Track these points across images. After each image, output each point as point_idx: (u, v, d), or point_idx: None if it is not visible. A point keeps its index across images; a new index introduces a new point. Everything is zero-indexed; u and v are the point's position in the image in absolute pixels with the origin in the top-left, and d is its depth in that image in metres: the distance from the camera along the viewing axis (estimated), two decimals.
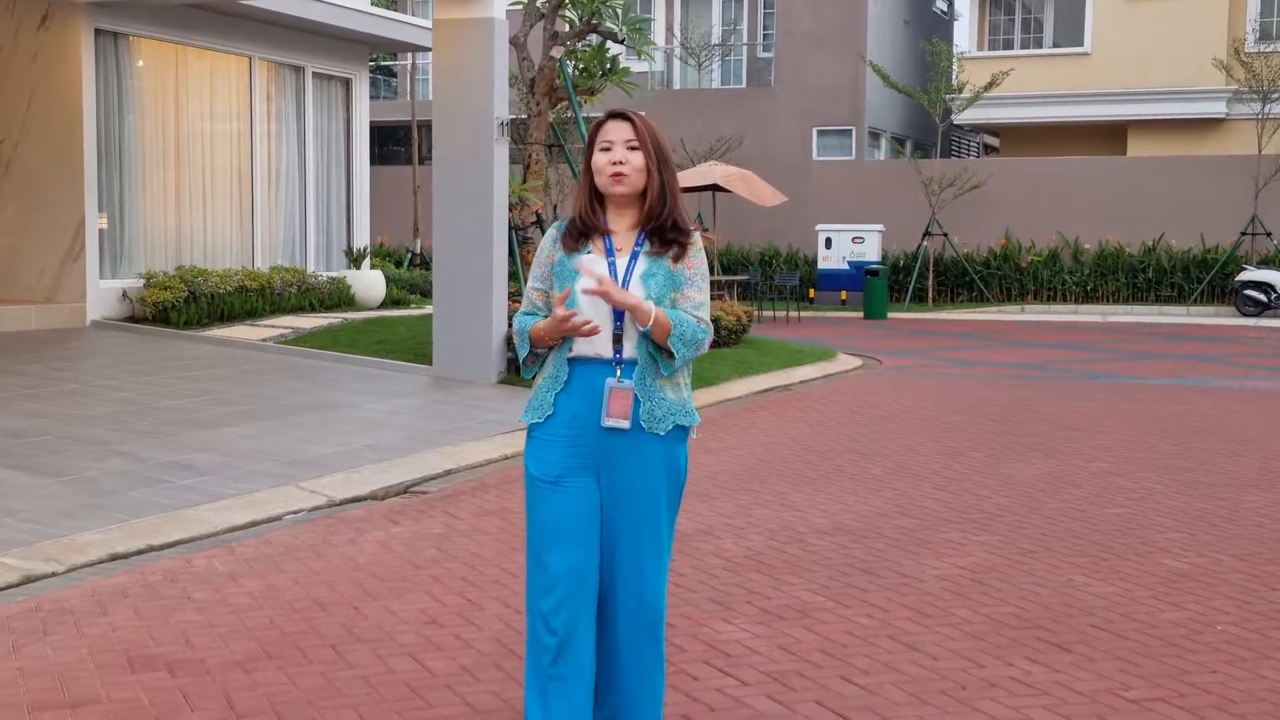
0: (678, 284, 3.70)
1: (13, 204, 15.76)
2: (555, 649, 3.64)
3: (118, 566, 6.30)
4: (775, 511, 7.69)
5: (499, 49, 12.72)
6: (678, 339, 3.64)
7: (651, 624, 3.75)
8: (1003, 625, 5.47)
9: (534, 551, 3.73)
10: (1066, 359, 17.23)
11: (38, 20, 15.42)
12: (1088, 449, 10.03)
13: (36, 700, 4.50)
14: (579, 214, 3.77)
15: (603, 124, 3.73)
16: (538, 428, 3.74)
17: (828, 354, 16.34)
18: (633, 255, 3.71)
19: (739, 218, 28.16)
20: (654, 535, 3.73)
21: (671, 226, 3.72)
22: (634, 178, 3.68)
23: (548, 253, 3.79)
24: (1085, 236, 27.22)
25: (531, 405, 3.76)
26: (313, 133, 18.50)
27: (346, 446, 9.17)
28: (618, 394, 3.65)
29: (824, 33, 31.29)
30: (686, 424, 3.76)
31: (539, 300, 3.80)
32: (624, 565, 3.71)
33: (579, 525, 3.67)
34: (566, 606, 3.64)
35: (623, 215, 3.75)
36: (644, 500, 3.71)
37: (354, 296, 17.44)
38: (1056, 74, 31.98)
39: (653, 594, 3.74)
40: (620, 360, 3.67)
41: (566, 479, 3.67)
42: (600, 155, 3.70)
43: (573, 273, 3.68)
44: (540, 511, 3.71)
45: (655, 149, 3.69)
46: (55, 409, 9.92)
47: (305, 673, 4.80)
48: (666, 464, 3.73)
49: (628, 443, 3.67)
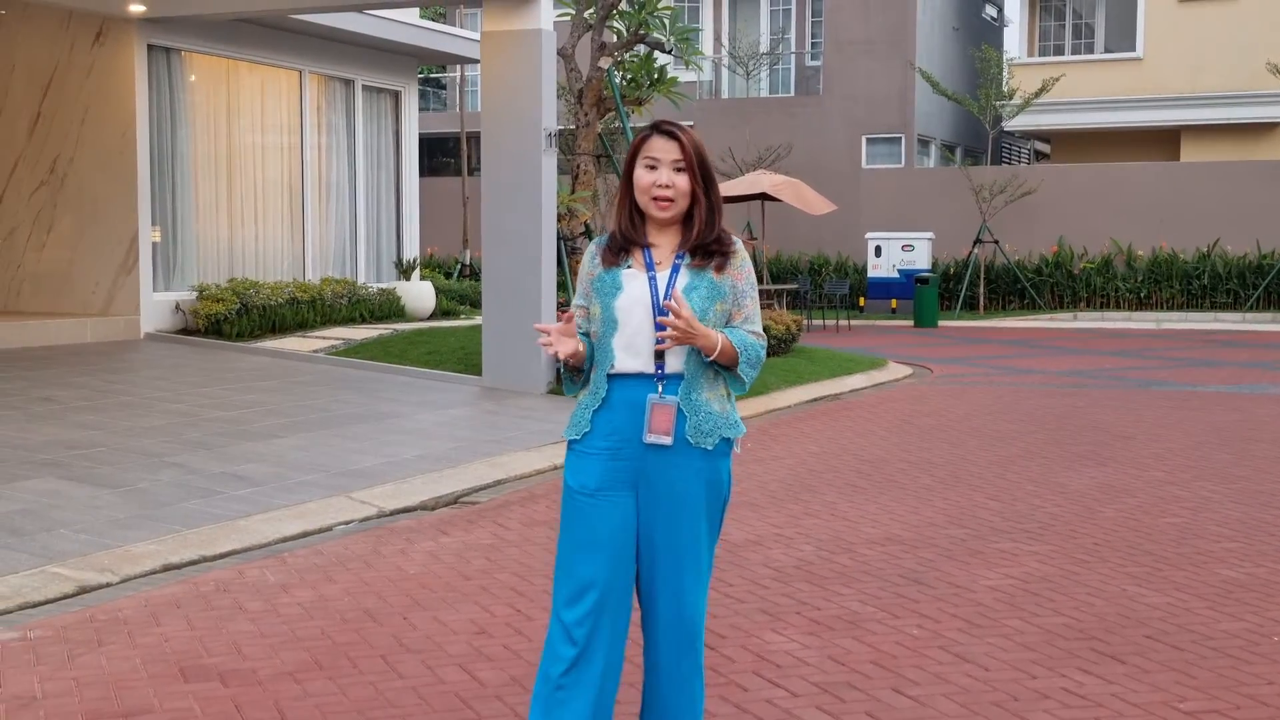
0: (721, 295, 3.61)
1: (67, 217, 15.96)
2: (571, 660, 3.57)
3: (171, 577, 6.35)
4: (825, 521, 7.66)
5: (547, 60, 12.75)
6: (746, 364, 3.60)
7: (690, 640, 3.67)
8: (1055, 636, 5.42)
9: (564, 562, 3.66)
10: (1120, 367, 17.07)
11: (92, 37, 15.62)
12: (1142, 458, 9.93)
13: (91, 710, 4.54)
14: (619, 229, 3.68)
15: (648, 138, 3.62)
16: (577, 444, 3.67)
17: (878, 363, 16.26)
18: (673, 269, 3.62)
19: (788, 226, 28.12)
20: (694, 552, 3.64)
21: (714, 241, 3.64)
22: (680, 202, 3.59)
23: (588, 269, 3.71)
24: (1139, 243, 26.96)
25: (571, 421, 3.70)
26: (363, 145, 18.63)
27: (396, 457, 9.21)
28: (660, 410, 3.57)
29: (872, 40, 31.20)
30: (731, 436, 3.66)
31: (582, 319, 3.71)
32: (663, 581, 3.64)
33: (613, 538, 3.61)
34: (591, 619, 3.58)
35: (665, 233, 3.67)
36: (684, 516, 3.62)
37: (404, 307, 17.53)
38: (1108, 79, 31.73)
39: (691, 610, 3.66)
40: (663, 375, 3.59)
41: (604, 492, 3.61)
42: (645, 173, 3.60)
43: (612, 288, 3.60)
44: (574, 523, 3.65)
45: (702, 170, 3.59)
46: (110, 421, 10.02)
47: (356, 683, 4.82)
48: (709, 478, 3.64)
49: (671, 458, 3.59)
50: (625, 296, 3.59)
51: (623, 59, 15.27)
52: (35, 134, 16.12)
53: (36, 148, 16.12)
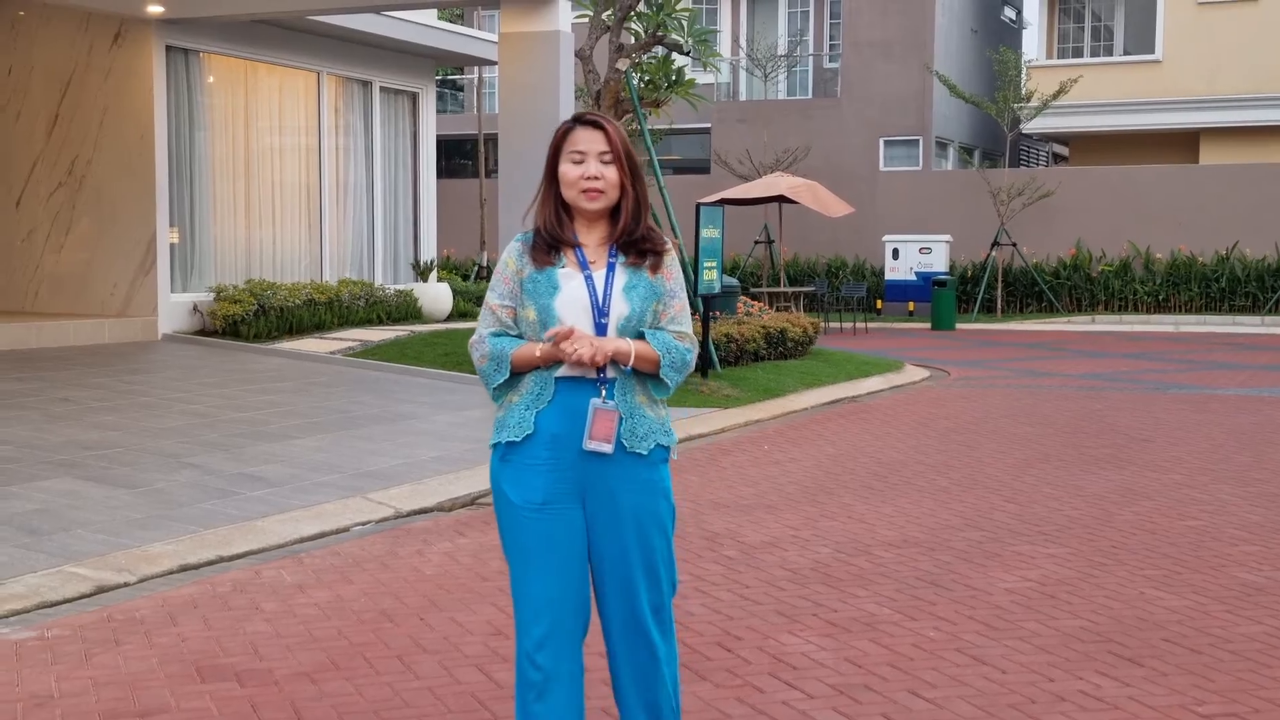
0: (658, 295, 3.52)
1: (86, 218, 16.02)
2: (540, 685, 3.48)
3: (188, 577, 6.36)
4: (842, 524, 7.64)
5: (565, 62, 12.77)
6: (669, 367, 3.48)
7: (650, 651, 3.56)
8: (1073, 639, 5.40)
9: (518, 582, 3.53)
10: (1138, 370, 17.01)
11: (110, 38, 15.68)
12: (1160, 461, 9.89)
13: (108, 709, 4.55)
14: (544, 227, 3.53)
15: (570, 130, 3.50)
16: (513, 449, 3.50)
17: (895, 365, 16.24)
18: (609, 268, 3.50)
19: (805, 229, 28.10)
20: (646, 561, 3.54)
21: (644, 238, 3.53)
22: (610, 193, 3.48)
23: (514, 268, 3.55)
24: (1157, 246, 26.87)
25: (506, 424, 3.52)
26: (380, 146, 18.67)
27: (413, 458, 9.22)
28: (602, 416, 3.44)
29: (890, 43, 31.15)
30: (666, 443, 3.55)
31: (508, 318, 3.55)
32: (614, 593, 3.54)
33: (566, 553, 3.49)
34: (552, 640, 3.48)
35: (593, 229, 3.55)
36: (631, 525, 3.51)
37: (421, 309, 17.55)
38: (1127, 82, 31.62)
39: (648, 622, 3.55)
40: (604, 379, 3.47)
41: (552, 505, 3.48)
42: (571, 167, 3.47)
43: (549, 288, 3.47)
44: (522, 539, 3.51)
45: (629, 161, 3.49)
46: (127, 421, 10.05)
47: (372, 683, 4.82)
48: (651, 486, 3.53)
49: (610, 465, 3.48)
50: (563, 297, 3.47)
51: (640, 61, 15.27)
52: (54, 135, 16.19)
53: (55, 149, 16.19)
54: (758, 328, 15.12)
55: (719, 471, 9.41)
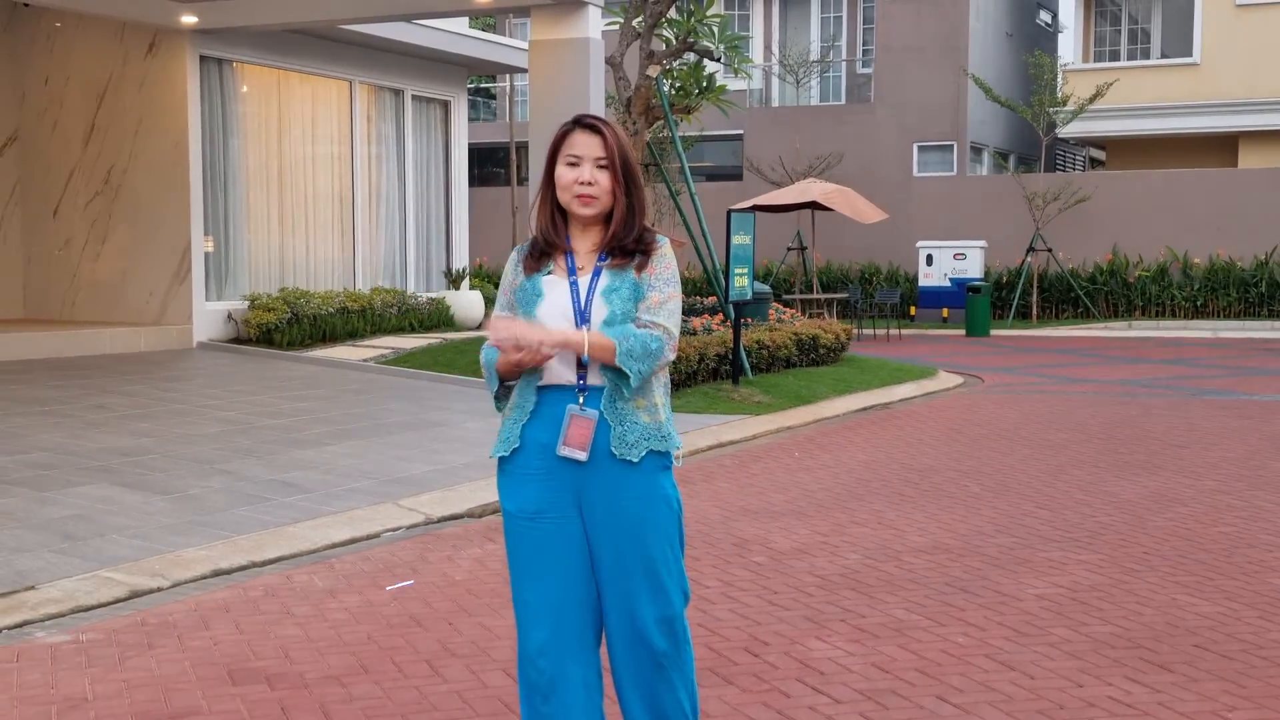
0: (643, 294, 3.47)
1: (122, 227, 16.16)
2: (545, 689, 3.49)
3: (221, 582, 6.40)
4: (872, 530, 7.62)
5: (595, 69, 12.80)
6: (626, 355, 3.37)
7: (653, 660, 3.52)
8: (1103, 645, 5.37)
9: (516, 590, 3.55)
10: (1175, 375, 16.90)
11: (145, 48, 15.82)
12: (1195, 467, 9.82)
13: (141, 711, 4.59)
14: (540, 231, 3.54)
15: (569, 133, 3.49)
16: (507, 462, 3.53)
17: (928, 372, 16.18)
18: (595, 272, 3.48)
19: (839, 235, 28.05)
20: (646, 570, 3.49)
21: (634, 241, 3.50)
22: (603, 199, 3.46)
23: (511, 277, 3.57)
24: (1195, 250, 26.68)
25: (500, 438, 3.55)
26: (412, 155, 18.76)
27: (444, 465, 9.25)
28: (577, 422, 3.42)
29: (924, 47, 31.07)
30: (663, 449, 3.50)
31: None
32: (614, 602, 3.51)
33: (560, 560, 3.49)
34: (553, 646, 3.48)
35: (587, 233, 3.54)
36: (626, 533, 3.47)
37: (453, 317, 17.62)
38: (1164, 85, 31.42)
39: (649, 631, 3.50)
40: (584, 387, 3.45)
41: (546, 514, 3.48)
42: (566, 171, 3.46)
43: (534, 295, 3.47)
44: (519, 549, 3.52)
45: (624, 168, 3.46)
46: (162, 428, 10.13)
47: (401, 687, 4.85)
48: (647, 494, 3.48)
49: (602, 473, 3.45)
50: (546, 303, 3.46)
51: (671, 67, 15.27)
52: (90, 145, 16.35)
53: (91, 158, 16.35)
54: (789, 334, 15.10)
55: (749, 478, 9.40)
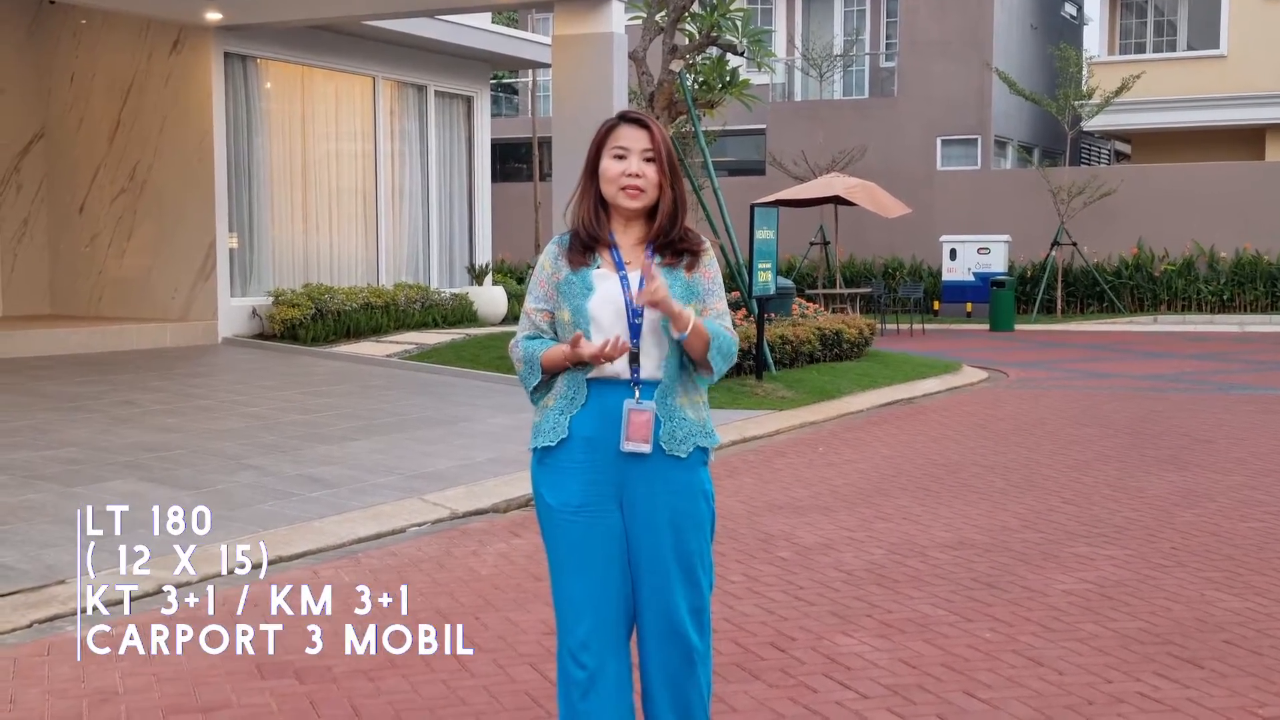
0: (696, 294, 3.51)
1: (147, 224, 16.23)
2: (585, 683, 3.50)
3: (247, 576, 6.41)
4: (897, 525, 7.60)
5: (618, 64, 12.79)
6: (716, 351, 3.46)
7: (685, 654, 3.55)
8: (1132, 640, 5.34)
9: (557, 584, 3.57)
10: (1201, 370, 16.81)
11: (170, 45, 15.87)
12: (1223, 462, 9.77)
13: (170, 705, 4.62)
14: (583, 224, 3.54)
15: (615, 127, 3.50)
16: (550, 454, 3.54)
17: (952, 366, 16.13)
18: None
19: (861, 230, 27.96)
20: (683, 564, 3.52)
21: (681, 238, 3.53)
22: (650, 192, 3.48)
23: (550, 270, 3.56)
24: (1221, 244, 26.50)
25: (542, 429, 3.56)
26: (435, 151, 18.77)
27: (469, 460, 9.26)
28: (637, 416, 3.44)
29: (948, 41, 30.95)
30: (707, 445, 3.55)
31: (543, 322, 3.58)
32: (651, 596, 3.53)
33: (602, 555, 3.50)
34: (595, 640, 3.50)
35: (630, 228, 3.55)
36: (668, 527, 3.50)
37: (476, 312, 17.64)
38: (1191, 78, 31.23)
39: (685, 624, 3.54)
40: (638, 380, 3.47)
41: (588, 508, 3.50)
42: (613, 163, 3.47)
43: (583, 289, 3.48)
44: (561, 543, 3.54)
45: (669, 162, 3.49)
46: (188, 424, 10.17)
47: (428, 681, 4.85)
48: (690, 488, 3.52)
49: (648, 468, 3.48)
50: (598, 298, 3.47)
51: (694, 62, 15.25)
52: (115, 141, 16.41)
53: (117, 155, 16.41)
54: (813, 329, 15.07)
55: (774, 473, 9.39)
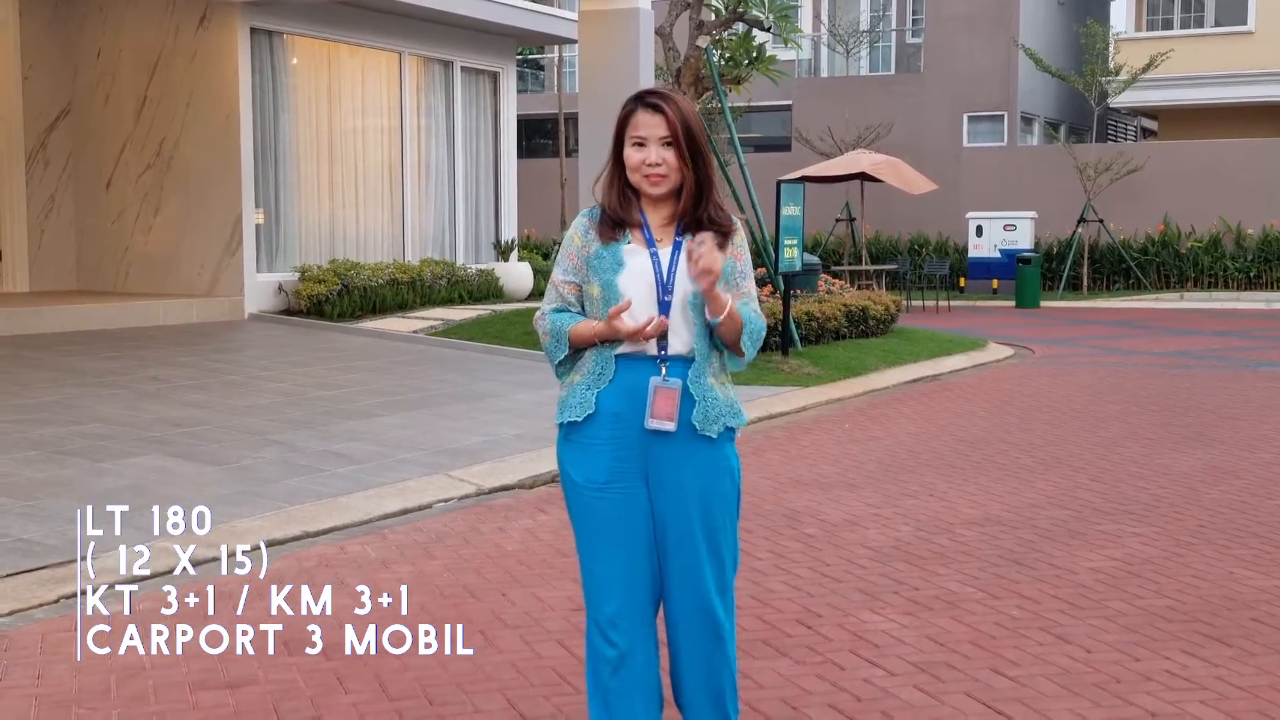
0: (725, 274, 3.42)
1: (174, 200, 16.27)
2: (615, 661, 3.51)
3: (275, 553, 6.45)
4: (923, 502, 7.59)
5: (644, 39, 12.75)
6: (749, 337, 3.46)
7: (714, 631, 3.55)
8: (1159, 618, 5.33)
9: (585, 561, 3.55)
10: (1228, 347, 16.72)
11: (196, 21, 15.88)
12: (1250, 439, 9.72)
13: (197, 681, 4.64)
14: (610, 208, 3.51)
15: (633, 113, 3.46)
16: (576, 429, 3.53)
17: (978, 343, 16.08)
18: (675, 246, 3.47)
19: (887, 206, 27.88)
20: (710, 541, 3.52)
21: (711, 217, 3.49)
22: (672, 177, 3.45)
23: (580, 244, 3.53)
24: (1248, 221, 26.34)
25: (568, 404, 3.54)
26: (461, 127, 18.76)
27: (495, 436, 9.28)
28: (663, 393, 3.41)
29: (975, 16, 30.75)
30: (735, 424, 3.53)
31: (571, 295, 3.55)
32: (679, 574, 3.52)
33: (629, 532, 3.49)
34: (624, 618, 3.50)
35: (659, 208, 3.52)
36: (696, 505, 3.49)
37: (502, 288, 17.65)
38: (1218, 54, 30.99)
39: (713, 601, 3.53)
40: (665, 357, 3.45)
41: (614, 485, 3.48)
42: (633, 152, 3.45)
43: (614, 264, 3.45)
44: (587, 520, 3.52)
45: (689, 142, 3.43)
46: (215, 399, 10.21)
47: (455, 657, 4.86)
48: (717, 467, 3.51)
49: (677, 446, 3.46)
50: (628, 273, 3.45)
51: (721, 37, 15.20)
52: (142, 118, 16.45)
53: (143, 131, 16.45)
54: (839, 306, 15.04)
55: (800, 450, 9.38)
